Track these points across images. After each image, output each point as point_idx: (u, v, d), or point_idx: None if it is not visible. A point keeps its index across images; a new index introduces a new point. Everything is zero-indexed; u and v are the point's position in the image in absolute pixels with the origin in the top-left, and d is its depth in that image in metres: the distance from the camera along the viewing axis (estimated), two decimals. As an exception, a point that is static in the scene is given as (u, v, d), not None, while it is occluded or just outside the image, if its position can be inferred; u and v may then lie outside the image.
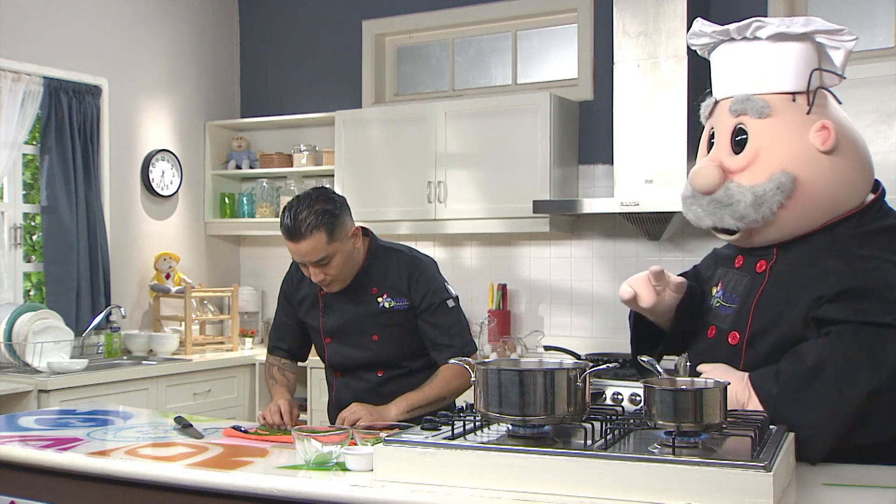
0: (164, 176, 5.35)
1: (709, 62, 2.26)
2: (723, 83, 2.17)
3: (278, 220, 5.79)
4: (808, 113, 2.04)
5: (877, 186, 2.17)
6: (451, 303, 2.84)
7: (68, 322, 4.51)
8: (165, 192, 5.36)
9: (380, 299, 2.82)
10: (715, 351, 2.12)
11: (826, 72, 2.09)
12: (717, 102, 2.18)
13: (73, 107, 4.72)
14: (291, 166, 5.46)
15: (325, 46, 5.62)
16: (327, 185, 4.84)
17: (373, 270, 2.82)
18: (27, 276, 4.83)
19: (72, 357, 4.43)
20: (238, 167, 5.63)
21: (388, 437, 1.91)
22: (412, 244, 5.12)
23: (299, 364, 3.08)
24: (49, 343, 4.29)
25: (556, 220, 4.58)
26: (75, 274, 4.68)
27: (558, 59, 5.10)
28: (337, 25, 5.57)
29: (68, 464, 2.25)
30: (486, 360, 2.02)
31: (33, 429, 2.63)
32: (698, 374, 2.03)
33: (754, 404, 1.96)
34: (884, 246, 2.02)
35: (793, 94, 2.06)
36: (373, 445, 1.99)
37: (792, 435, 1.91)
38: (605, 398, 3.89)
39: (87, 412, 2.97)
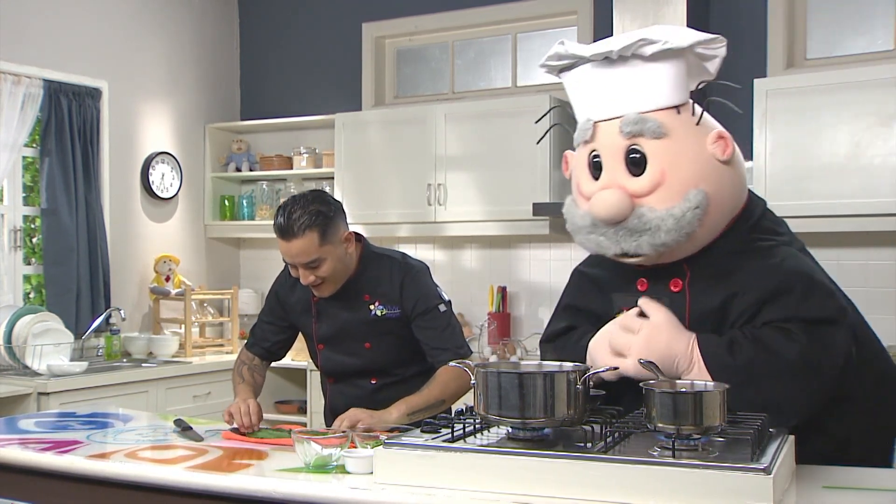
0: (164, 178, 5.36)
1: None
2: (599, 104, 2.07)
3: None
4: (696, 124, 2.01)
5: None
6: (442, 307, 2.83)
7: (68, 324, 4.51)
8: (165, 195, 5.36)
9: (371, 307, 2.80)
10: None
11: (704, 81, 2.09)
12: (595, 124, 2.08)
13: (73, 109, 4.73)
14: (291, 168, 5.46)
15: (325, 49, 5.62)
16: (325, 189, 4.84)
17: (365, 277, 2.81)
18: (27, 278, 4.83)
19: (71, 359, 4.42)
20: (238, 169, 5.63)
21: (387, 439, 1.91)
22: (412, 246, 5.14)
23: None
24: (49, 345, 4.28)
25: (555, 223, 4.57)
26: (75, 276, 4.68)
27: (558, 61, 5.10)
28: (337, 28, 5.58)
29: (68, 466, 2.25)
30: (486, 363, 2.02)
31: (33, 431, 2.63)
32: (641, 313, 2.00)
33: (697, 373, 1.93)
34: (772, 231, 2.07)
35: (676, 107, 2.01)
36: (372, 448, 1.99)
37: (792, 437, 1.91)
38: (605, 400, 3.89)
39: (87, 415, 2.97)
